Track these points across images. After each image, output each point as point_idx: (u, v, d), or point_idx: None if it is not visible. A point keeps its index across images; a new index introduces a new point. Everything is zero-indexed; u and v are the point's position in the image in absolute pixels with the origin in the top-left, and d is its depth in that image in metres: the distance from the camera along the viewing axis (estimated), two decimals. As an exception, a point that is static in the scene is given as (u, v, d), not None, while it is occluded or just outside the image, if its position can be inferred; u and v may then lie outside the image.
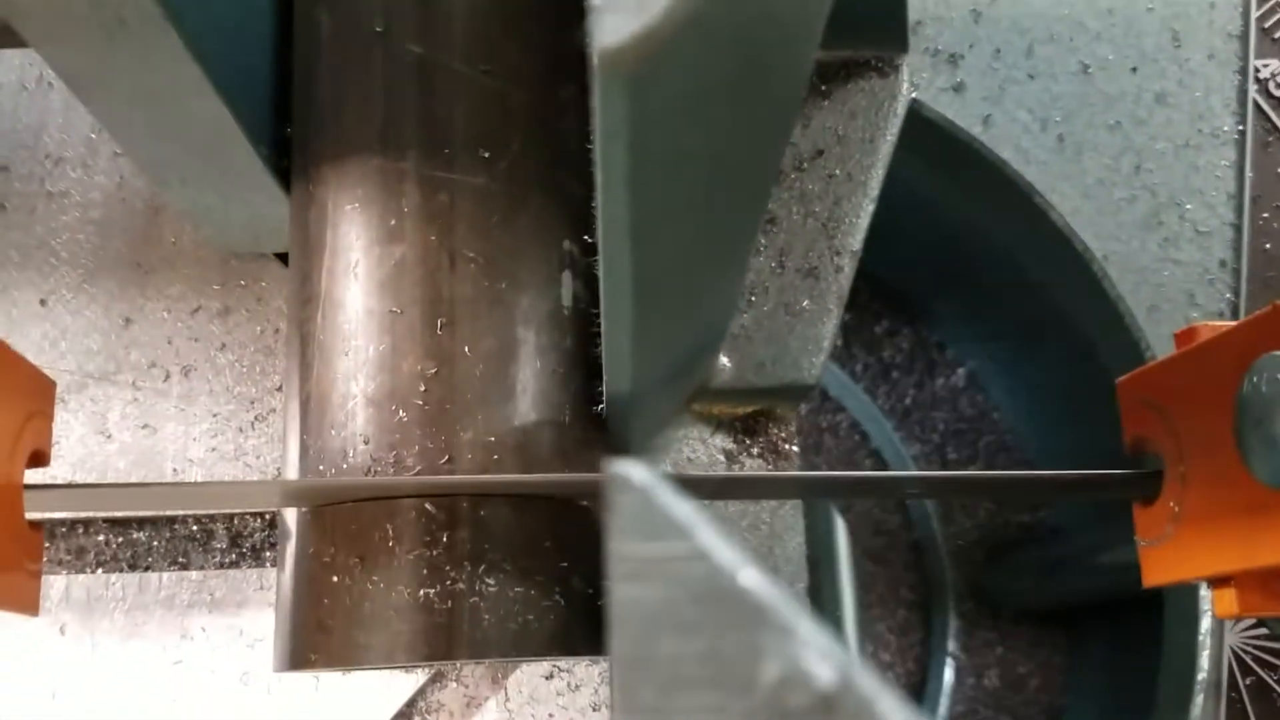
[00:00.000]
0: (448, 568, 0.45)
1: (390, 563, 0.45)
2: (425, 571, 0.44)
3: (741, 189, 0.36)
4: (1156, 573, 0.46)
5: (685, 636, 0.19)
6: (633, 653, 0.20)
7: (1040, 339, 0.95)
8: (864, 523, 1.15)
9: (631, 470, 0.20)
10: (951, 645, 1.05)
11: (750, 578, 0.20)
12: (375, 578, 0.45)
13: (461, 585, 0.45)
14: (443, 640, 0.44)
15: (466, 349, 0.47)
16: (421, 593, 0.44)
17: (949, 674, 1.04)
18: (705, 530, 0.20)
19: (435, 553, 0.45)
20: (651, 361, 0.46)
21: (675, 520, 0.20)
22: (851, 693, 0.19)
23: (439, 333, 0.47)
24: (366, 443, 0.46)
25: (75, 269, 0.63)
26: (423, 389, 0.47)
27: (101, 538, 0.58)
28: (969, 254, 0.91)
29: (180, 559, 0.58)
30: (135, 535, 0.59)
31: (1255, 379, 0.39)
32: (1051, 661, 1.01)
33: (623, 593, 0.20)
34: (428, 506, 0.45)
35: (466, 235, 0.48)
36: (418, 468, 0.46)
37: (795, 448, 0.66)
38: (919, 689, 1.06)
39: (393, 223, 0.48)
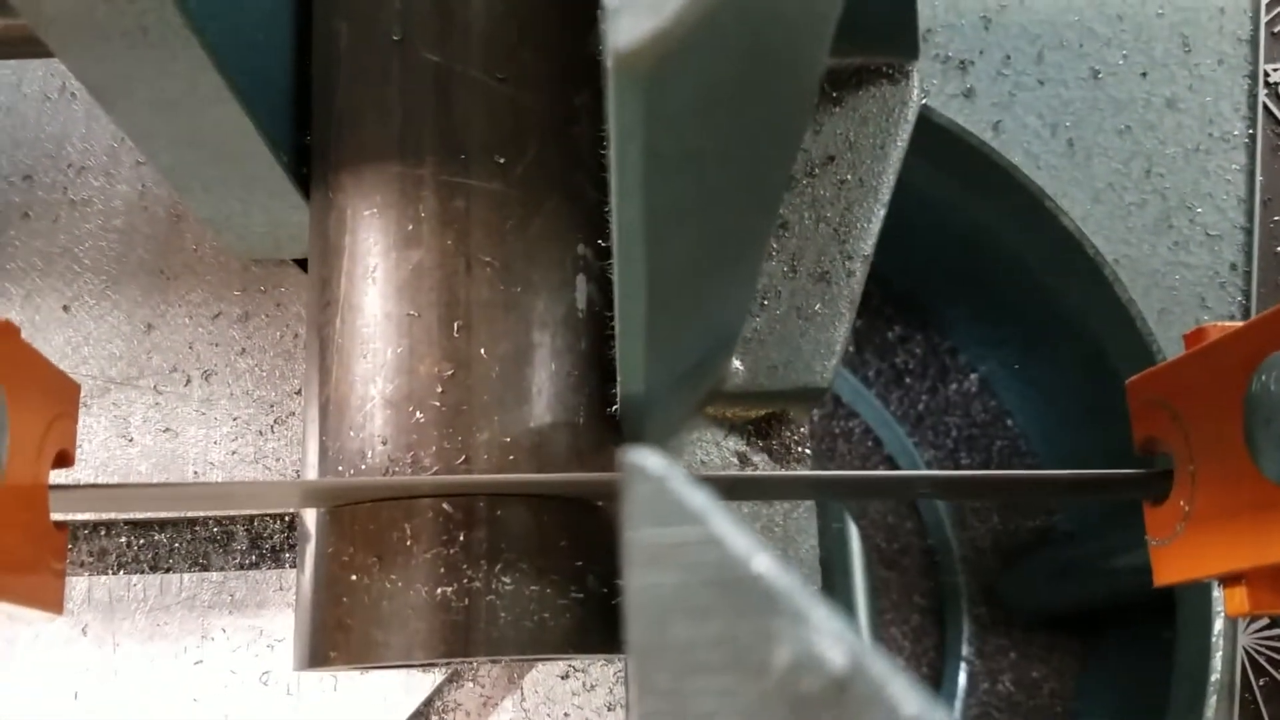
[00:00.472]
0: (465, 566, 0.45)
1: (408, 562, 0.46)
2: (442, 570, 0.45)
3: (754, 190, 0.36)
4: (1168, 571, 0.46)
5: (700, 621, 0.20)
6: (648, 638, 0.20)
7: (1052, 343, 0.95)
8: (877, 528, 1.15)
9: (647, 459, 0.21)
10: (965, 650, 1.05)
11: (763, 564, 0.20)
12: (393, 576, 0.45)
13: (478, 584, 0.45)
14: (460, 638, 0.45)
15: (483, 352, 0.48)
16: (439, 591, 0.45)
17: (963, 678, 1.05)
18: (719, 517, 0.21)
19: (452, 552, 0.45)
20: (664, 363, 0.47)
21: (689, 507, 0.21)
22: (863, 676, 0.19)
23: (456, 336, 0.48)
24: (384, 444, 0.47)
25: (98, 275, 0.64)
26: (440, 391, 0.47)
27: (123, 539, 0.59)
28: (980, 259, 0.92)
29: (201, 560, 0.59)
30: (156, 537, 0.59)
31: (1264, 377, 0.39)
32: (1065, 666, 1.01)
33: (638, 579, 0.20)
34: (445, 506, 0.46)
35: (482, 240, 0.49)
36: (435, 468, 0.46)
37: (808, 451, 0.67)
38: (933, 693, 1.06)
39: (410, 228, 0.49)
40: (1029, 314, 0.97)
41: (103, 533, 0.60)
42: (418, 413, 0.47)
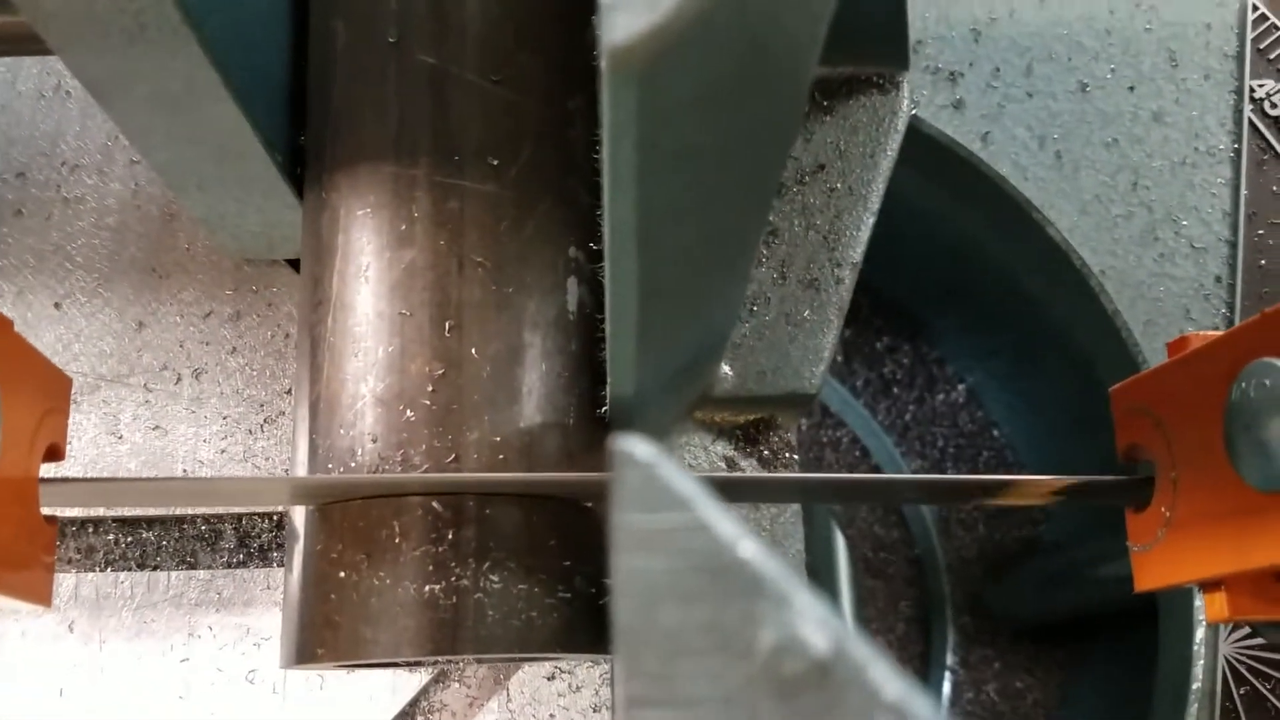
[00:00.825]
0: (453, 564, 0.45)
1: (397, 559, 0.46)
2: (431, 568, 0.45)
3: (746, 191, 0.37)
4: (1148, 577, 0.46)
5: (687, 606, 0.20)
6: (636, 622, 0.20)
7: (1039, 354, 0.96)
8: (864, 537, 1.15)
9: (636, 446, 0.21)
10: (950, 659, 1.06)
11: (749, 550, 0.20)
12: (382, 574, 0.46)
13: (466, 582, 0.45)
14: (448, 636, 0.45)
15: (474, 351, 0.48)
16: (427, 589, 0.45)
17: (947, 688, 1.05)
18: (706, 504, 0.21)
19: (441, 550, 0.46)
20: (654, 366, 0.47)
21: (678, 494, 0.21)
22: (845, 660, 0.20)
23: (447, 335, 0.48)
24: (374, 441, 0.47)
25: (90, 273, 0.64)
26: (430, 390, 0.48)
27: (111, 537, 0.59)
28: (969, 269, 0.92)
29: (188, 559, 0.59)
30: (144, 535, 0.59)
31: (1244, 384, 0.40)
32: (1050, 675, 1.01)
33: (627, 564, 0.21)
34: (434, 505, 0.46)
35: (476, 241, 0.49)
36: (424, 467, 0.47)
37: (795, 457, 0.67)
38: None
39: (403, 228, 0.49)
40: (1017, 325, 0.97)
41: (90, 530, 0.60)
42: (408, 411, 0.47)
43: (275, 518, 0.60)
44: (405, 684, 0.58)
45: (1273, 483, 0.39)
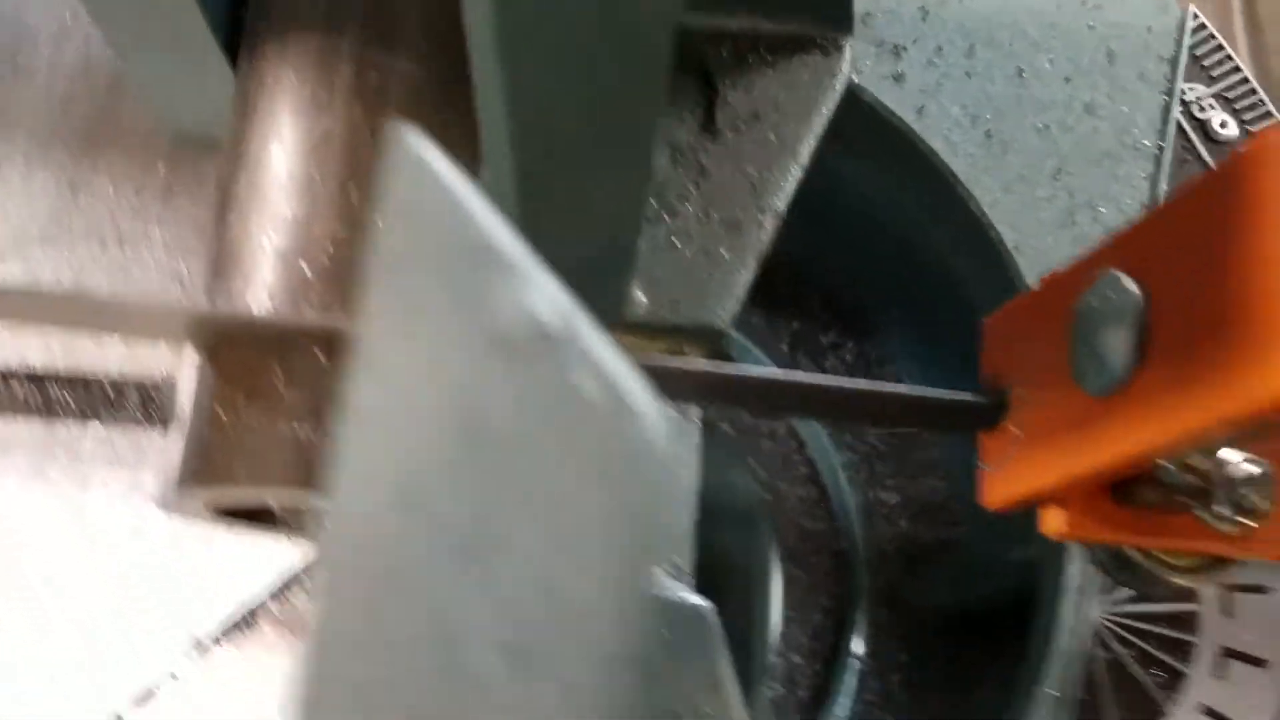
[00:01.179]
0: (328, 411, 0.47)
1: (277, 402, 0.47)
2: (308, 411, 0.47)
3: (628, 60, 0.38)
4: (993, 495, 0.48)
5: (433, 274, 0.22)
6: (381, 288, 0.22)
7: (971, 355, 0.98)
8: (790, 528, 1.17)
9: (408, 133, 0.23)
10: (860, 649, 1.07)
11: (498, 231, 0.22)
12: (259, 413, 0.47)
13: (339, 428, 0.47)
14: (313, 472, 0.46)
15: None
16: (301, 430, 0.47)
17: (853, 678, 1.06)
18: (467, 189, 0.23)
19: (319, 396, 0.47)
20: (545, 244, 0.49)
21: (439, 175, 0.22)
22: (567, 328, 0.21)
23: (354, 202, 0.50)
24: (270, 296, 0.49)
25: (31, 138, 0.66)
26: (331, 250, 0.49)
27: (17, 387, 0.60)
28: (911, 261, 0.94)
29: (89, 414, 0.60)
30: (50, 391, 0.61)
31: (1089, 297, 0.42)
32: (954, 669, 1.02)
33: (381, 234, 0.22)
34: (317, 352, 0.47)
35: (393, 117, 0.51)
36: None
37: (702, 392, 0.68)
38: (824, 690, 1.08)
39: (324, 95, 0.51)
40: (956, 332, 0.99)
41: (-1, 381, 0.61)
42: (307, 268, 0.49)
43: (180, 386, 0.61)
44: (290, 553, 0.59)
45: (1104, 388, 0.40)
